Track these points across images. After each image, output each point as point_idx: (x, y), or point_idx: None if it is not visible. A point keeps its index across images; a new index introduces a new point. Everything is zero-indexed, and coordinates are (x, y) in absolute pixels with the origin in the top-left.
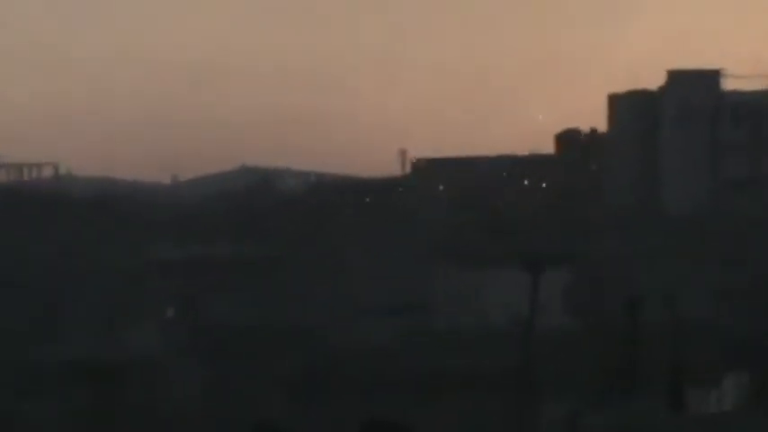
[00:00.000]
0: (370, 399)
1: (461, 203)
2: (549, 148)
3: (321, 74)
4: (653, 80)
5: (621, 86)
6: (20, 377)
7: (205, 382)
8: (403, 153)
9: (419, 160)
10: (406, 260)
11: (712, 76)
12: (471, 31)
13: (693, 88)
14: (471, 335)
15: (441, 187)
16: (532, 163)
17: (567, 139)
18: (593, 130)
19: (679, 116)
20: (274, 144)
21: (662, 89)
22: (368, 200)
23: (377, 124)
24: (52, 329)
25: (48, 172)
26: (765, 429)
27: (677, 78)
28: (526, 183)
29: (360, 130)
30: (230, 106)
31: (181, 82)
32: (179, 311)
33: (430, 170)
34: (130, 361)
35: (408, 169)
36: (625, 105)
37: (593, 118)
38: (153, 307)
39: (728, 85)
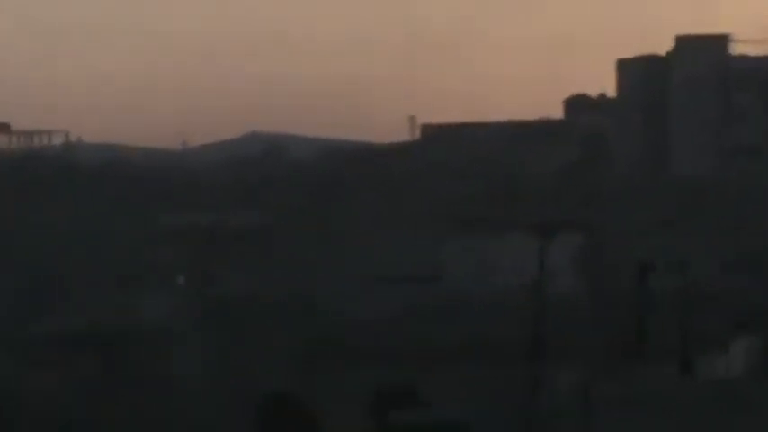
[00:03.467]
0: (380, 368)
1: (471, 170)
2: (558, 113)
3: (331, 42)
4: (662, 45)
5: (630, 52)
6: (28, 346)
7: (214, 351)
8: (412, 119)
9: (428, 126)
10: (416, 227)
11: (720, 42)
12: None
13: (702, 54)
14: (482, 302)
15: (450, 153)
16: (542, 128)
17: (575, 103)
18: (602, 95)
19: (687, 82)
20: (283, 111)
21: (670, 54)
22: (378, 167)
23: (387, 90)
24: (61, 298)
25: (58, 139)
26: None
27: (685, 44)
28: (536, 148)
29: (370, 96)
30: (239, 73)
31: (192, 50)
32: (188, 280)
33: (439, 136)
34: (139, 330)
35: (417, 135)
36: (634, 71)
37: (602, 83)
38: (162, 275)
39: (737, 50)
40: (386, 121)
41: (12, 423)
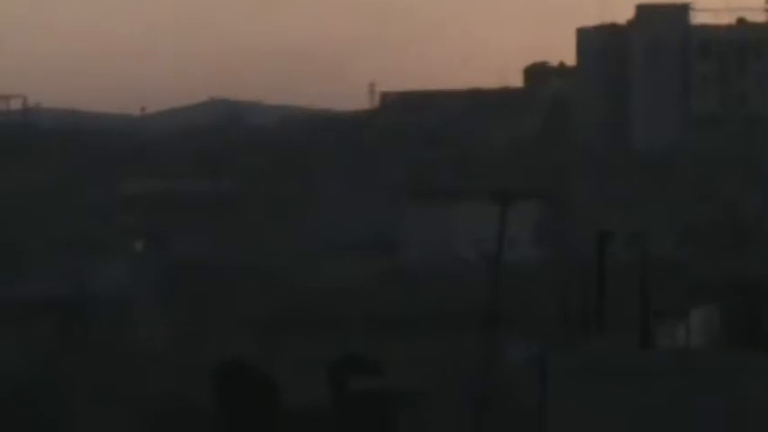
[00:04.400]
0: (338, 337)
1: (430, 138)
2: (517, 81)
3: (291, 6)
4: (621, 14)
5: (589, 21)
6: None
7: (172, 319)
8: (372, 87)
9: (387, 94)
10: (374, 196)
11: (681, 11)
12: None
13: (662, 23)
14: (440, 271)
15: (409, 121)
16: (502, 97)
17: (535, 72)
18: (562, 64)
19: (648, 51)
20: (242, 78)
21: (631, 23)
22: (337, 135)
23: (346, 57)
24: (17, 265)
25: (16, 105)
26: (733, 363)
27: (646, 12)
28: (496, 117)
29: (329, 63)
30: (199, 38)
31: (150, 15)
32: (146, 247)
33: (398, 104)
34: (96, 297)
35: (377, 103)
36: (594, 40)
37: (562, 52)
38: (120, 242)
39: (697, 19)
40: (344, 89)
41: None
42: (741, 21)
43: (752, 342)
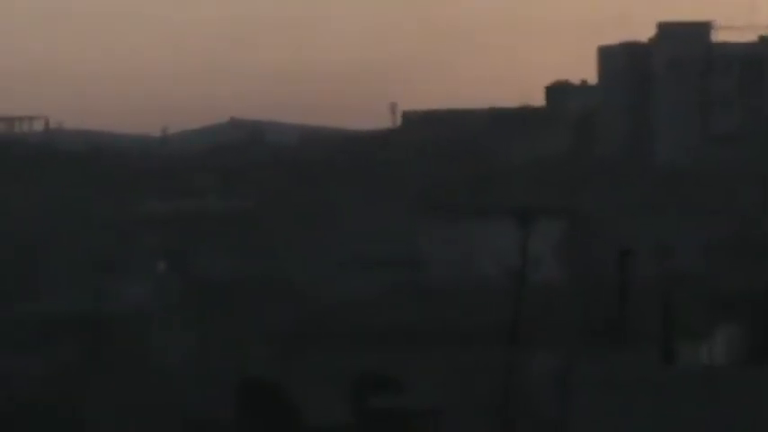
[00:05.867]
0: (358, 353)
1: (452, 156)
2: (539, 99)
3: (308, 27)
4: (643, 32)
5: (609, 39)
6: (6, 332)
7: (194, 336)
8: (393, 106)
9: (409, 113)
10: (396, 213)
11: (702, 28)
12: None
13: (683, 40)
14: (461, 288)
15: (431, 140)
16: (523, 115)
17: (557, 90)
18: (584, 82)
19: (669, 68)
20: (263, 98)
21: (652, 41)
22: (359, 153)
23: (367, 77)
24: (40, 284)
25: (38, 126)
26: (756, 382)
27: (667, 30)
28: (519, 135)
29: (350, 83)
30: (218, 60)
31: (170, 37)
32: (168, 266)
33: (420, 123)
34: (119, 316)
35: (399, 122)
36: (615, 57)
37: (584, 70)
38: (142, 261)
39: (718, 36)
40: (366, 108)
41: None
42: (762, 38)
43: None
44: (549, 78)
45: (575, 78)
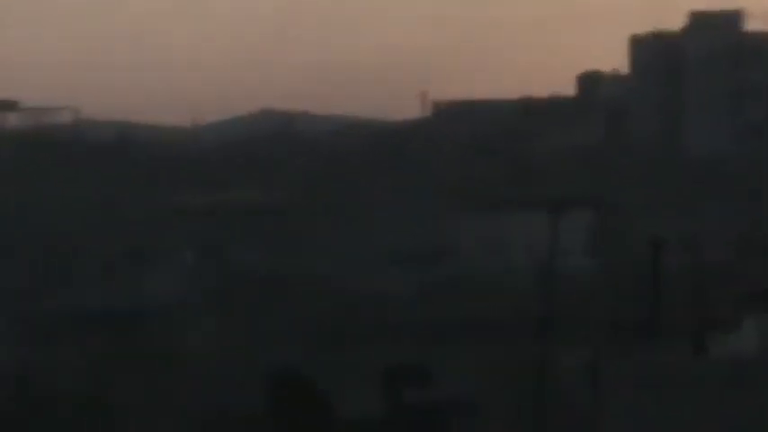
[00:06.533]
0: (390, 346)
1: (482, 146)
2: (569, 89)
3: (338, 17)
4: (675, 21)
5: (643, 28)
6: (36, 326)
7: (225, 329)
8: (424, 95)
9: (439, 102)
10: (427, 206)
11: (734, 17)
12: None
13: (716, 29)
14: (493, 280)
15: (463, 130)
16: (554, 105)
17: (588, 80)
18: (615, 72)
19: (701, 58)
20: (294, 87)
21: (684, 31)
22: (391, 144)
23: (398, 67)
24: (70, 277)
25: (67, 117)
26: None
27: (699, 20)
28: (552, 125)
29: (381, 73)
30: (249, 49)
31: (202, 24)
32: (199, 258)
33: (450, 113)
34: (150, 308)
35: (429, 111)
36: (647, 47)
37: (615, 59)
38: (173, 254)
39: (751, 26)
40: (396, 98)
41: (26, 399)
42: None
43: None
44: (580, 68)
45: (605, 68)
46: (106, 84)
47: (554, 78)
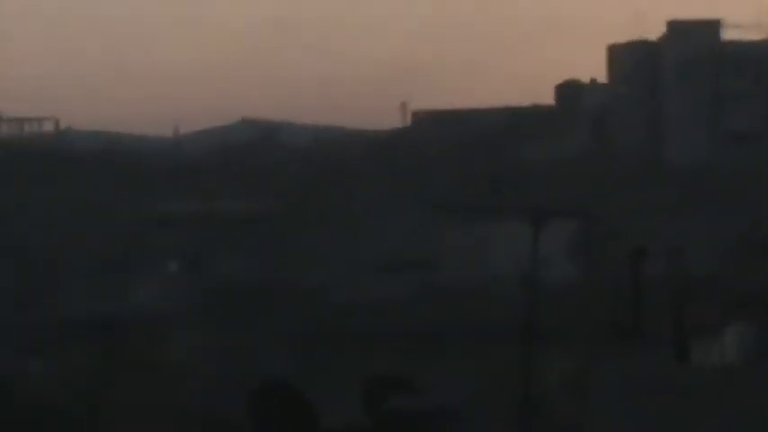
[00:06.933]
0: (375, 355)
1: (464, 156)
2: (548, 99)
3: (315, 27)
4: (653, 31)
5: (621, 37)
6: (21, 335)
7: (209, 339)
8: (404, 105)
9: (419, 112)
10: (410, 215)
11: (712, 27)
12: None
13: (694, 39)
14: (476, 289)
15: (442, 140)
16: (535, 114)
17: (567, 89)
18: (594, 81)
19: (680, 67)
20: (274, 97)
21: (662, 40)
22: (372, 154)
23: (377, 76)
24: (54, 287)
25: (49, 126)
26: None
27: (677, 29)
28: (529, 135)
29: (361, 83)
30: (228, 59)
31: (183, 35)
32: (182, 268)
33: (430, 122)
34: (133, 318)
35: (409, 122)
36: (626, 56)
37: (593, 69)
38: (156, 263)
39: (729, 35)
40: (376, 108)
41: (9, 410)
42: None
43: None
44: (558, 78)
45: (584, 77)
46: (88, 94)
47: (533, 88)
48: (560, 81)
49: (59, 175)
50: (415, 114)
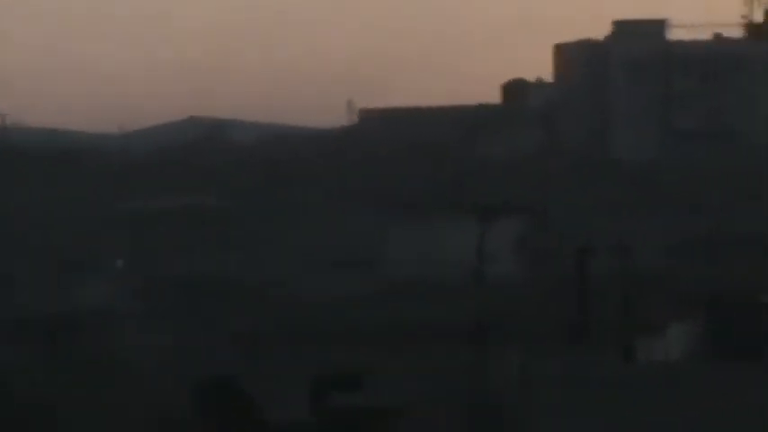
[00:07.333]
0: (324, 352)
1: (411, 154)
2: (495, 98)
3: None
4: (600, 30)
5: (567, 37)
6: None
7: (158, 336)
8: (350, 103)
9: (365, 111)
10: (357, 213)
11: (658, 26)
12: None
13: (640, 38)
14: (425, 287)
15: (390, 138)
16: (481, 113)
17: (513, 88)
18: (540, 80)
19: (627, 67)
20: (220, 95)
21: (608, 39)
22: (319, 152)
23: (324, 74)
24: (3, 284)
25: None
26: (712, 376)
27: (623, 28)
28: (476, 133)
29: (308, 80)
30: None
31: (128, 31)
32: (130, 266)
33: (377, 121)
34: (83, 315)
35: (356, 120)
36: (572, 55)
37: (539, 69)
38: (107, 261)
39: (675, 34)
40: (323, 106)
41: None
42: (718, 36)
43: (735, 354)
44: (504, 77)
45: (530, 77)
46: (34, 90)
47: (479, 88)
48: (506, 80)
49: (5, 172)
50: (362, 112)
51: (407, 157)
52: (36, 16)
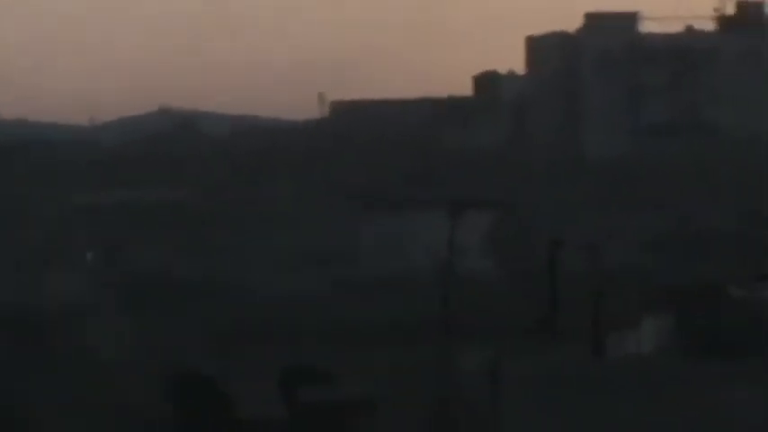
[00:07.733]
0: (294, 349)
1: (382, 147)
2: (466, 90)
3: (234, 17)
4: (571, 23)
5: (538, 29)
6: None
7: (128, 331)
8: (321, 96)
9: (336, 103)
10: (328, 206)
11: (630, 19)
12: None
13: (611, 31)
14: (395, 282)
15: (360, 131)
16: (453, 105)
17: (485, 80)
18: (512, 72)
19: (598, 59)
20: (192, 87)
21: (579, 32)
22: (291, 144)
23: (295, 67)
24: None
25: None
26: (682, 370)
27: (594, 21)
28: (447, 126)
29: (277, 72)
30: (146, 49)
31: (101, 22)
32: (101, 259)
33: (349, 113)
34: (52, 310)
35: (327, 112)
36: (544, 48)
37: (510, 61)
38: (74, 254)
39: (646, 27)
40: (294, 99)
41: None
42: (689, 29)
43: (706, 349)
44: (476, 69)
45: (502, 69)
46: (2, 82)
47: (450, 80)
48: (478, 72)
49: None
50: (333, 105)
51: (377, 150)
52: (6, 7)
